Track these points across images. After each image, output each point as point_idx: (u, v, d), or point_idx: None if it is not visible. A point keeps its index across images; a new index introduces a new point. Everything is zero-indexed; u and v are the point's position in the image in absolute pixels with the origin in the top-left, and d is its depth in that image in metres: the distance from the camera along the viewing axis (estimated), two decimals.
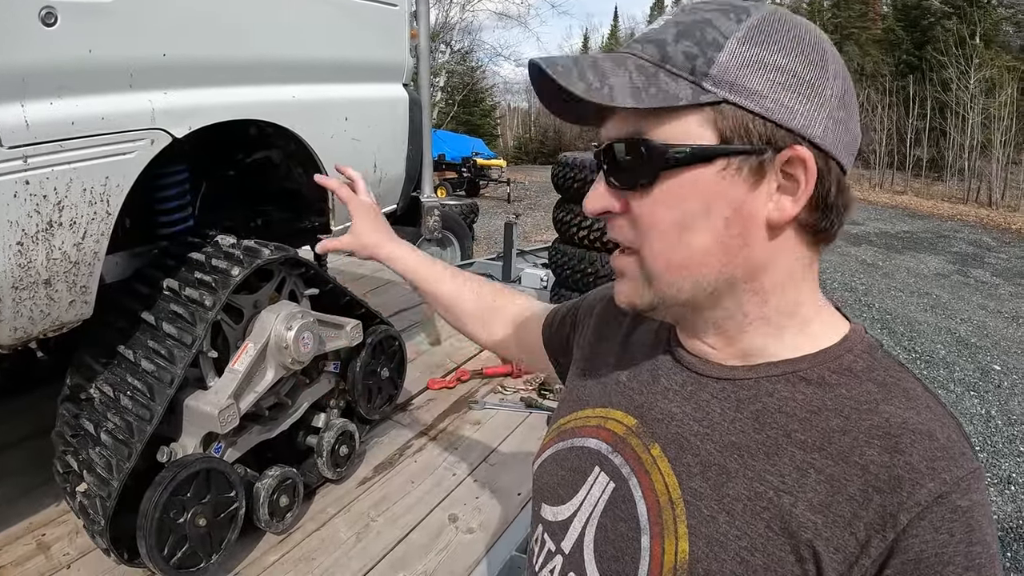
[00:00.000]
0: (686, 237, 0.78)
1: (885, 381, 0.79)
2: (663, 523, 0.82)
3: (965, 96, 29.27)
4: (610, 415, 0.97)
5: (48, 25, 1.64)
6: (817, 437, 0.77)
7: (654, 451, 0.88)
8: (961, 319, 10.55)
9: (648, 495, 0.85)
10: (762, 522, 0.75)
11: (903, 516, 0.69)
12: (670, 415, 0.89)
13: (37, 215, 1.68)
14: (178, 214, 2.41)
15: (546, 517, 0.98)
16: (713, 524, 0.78)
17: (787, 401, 0.80)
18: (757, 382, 0.83)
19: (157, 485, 1.95)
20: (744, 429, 0.82)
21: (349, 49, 2.72)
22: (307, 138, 2.49)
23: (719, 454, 0.82)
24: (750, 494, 0.77)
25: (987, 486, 0.75)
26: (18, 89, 1.61)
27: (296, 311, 2.30)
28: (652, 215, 0.79)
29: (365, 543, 2.35)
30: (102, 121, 1.79)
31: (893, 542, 0.69)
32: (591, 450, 0.96)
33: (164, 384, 2.01)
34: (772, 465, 0.78)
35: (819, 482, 0.74)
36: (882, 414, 0.76)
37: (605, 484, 0.91)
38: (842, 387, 0.79)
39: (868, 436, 0.74)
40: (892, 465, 0.71)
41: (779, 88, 0.75)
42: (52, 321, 1.84)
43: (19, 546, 2.28)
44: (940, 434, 0.73)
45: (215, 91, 2.14)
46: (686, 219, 0.78)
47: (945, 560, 0.68)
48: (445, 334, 4.36)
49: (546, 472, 1.02)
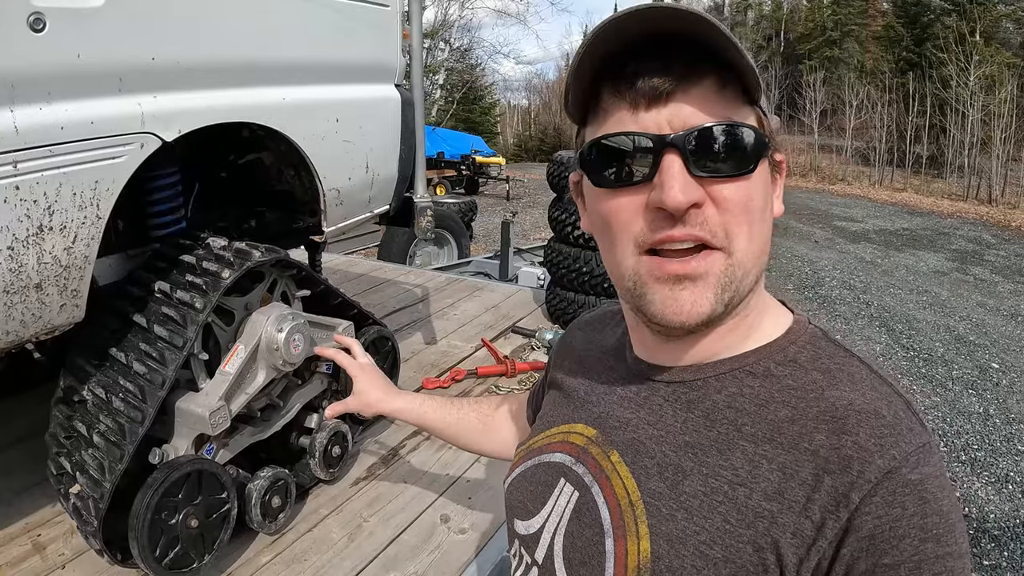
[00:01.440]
0: (765, 224, 0.82)
1: (829, 368, 0.82)
2: (625, 525, 0.84)
3: (965, 93, 29.26)
4: (572, 429, 1.01)
5: (36, 31, 1.65)
6: (766, 429, 0.79)
7: (613, 457, 0.90)
8: (960, 317, 10.55)
9: (610, 499, 0.87)
10: (719, 516, 0.77)
11: (855, 495, 0.70)
12: (626, 422, 0.92)
13: (27, 220, 1.69)
14: (170, 216, 2.42)
15: (519, 532, 1.00)
16: (672, 522, 0.80)
17: (735, 397, 0.83)
18: (706, 382, 0.86)
19: (148, 487, 1.96)
20: (696, 428, 0.84)
21: (340, 50, 2.72)
22: (298, 140, 2.50)
23: (674, 454, 0.84)
24: (706, 490, 0.79)
25: (942, 458, 0.76)
26: (7, 95, 1.62)
27: (287, 313, 2.31)
28: (750, 202, 0.78)
29: (357, 543, 2.36)
30: (91, 126, 1.80)
31: (847, 521, 0.70)
32: (556, 463, 0.99)
33: (155, 386, 2.02)
34: (725, 460, 0.80)
35: (771, 471, 0.76)
36: (828, 399, 0.78)
37: (570, 494, 0.93)
38: (788, 378, 0.82)
39: (816, 422, 0.76)
40: (840, 446, 0.73)
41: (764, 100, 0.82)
42: (43, 324, 1.85)
43: (15, 546, 2.30)
44: (886, 412, 0.75)
45: (204, 94, 2.15)
46: (765, 206, 0.81)
47: (900, 534, 0.69)
48: (440, 334, 4.37)
49: (516, 489, 1.05)
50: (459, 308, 4.95)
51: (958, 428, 6.83)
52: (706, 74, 0.76)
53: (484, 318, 4.73)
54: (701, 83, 0.76)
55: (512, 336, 4.39)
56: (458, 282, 5.64)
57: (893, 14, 42.12)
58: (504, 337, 4.36)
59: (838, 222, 19.39)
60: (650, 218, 0.77)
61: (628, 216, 0.79)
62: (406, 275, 5.80)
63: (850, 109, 35.47)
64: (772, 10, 53.54)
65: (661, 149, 0.75)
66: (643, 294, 0.81)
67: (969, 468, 6.12)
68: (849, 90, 36.00)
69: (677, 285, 0.78)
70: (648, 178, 0.76)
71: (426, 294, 5.22)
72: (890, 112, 32.94)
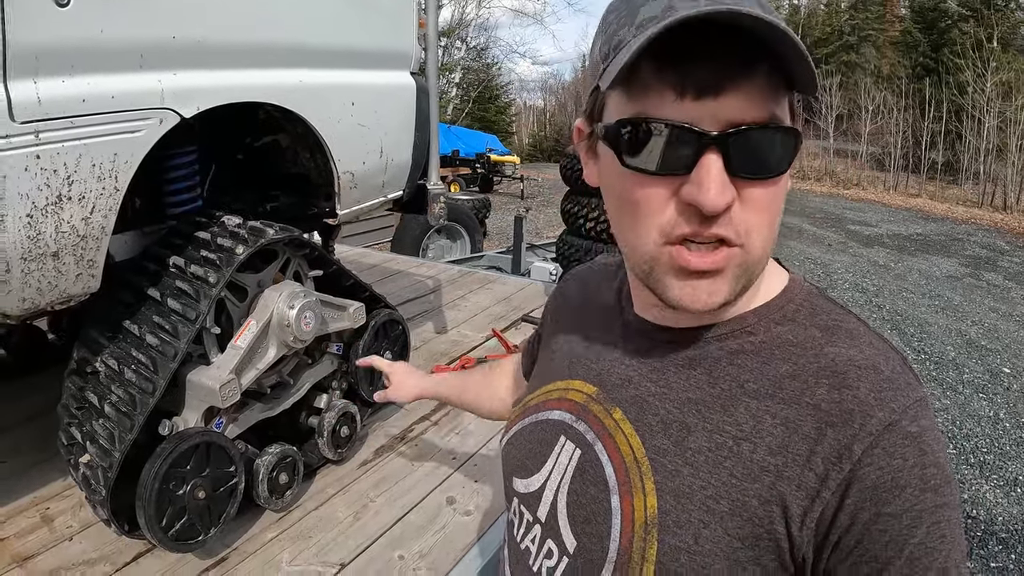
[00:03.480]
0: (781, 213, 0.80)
1: (827, 324, 0.83)
2: (631, 482, 0.85)
3: (981, 99, 29.05)
4: (571, 386, 1.01)
5: (62, 6, 1.67)
6: (768, 385, 0.80)
7: (616, 415, 0.91)
8: (972, 321, 10.49)
9: (614, 457, 0.88)
10: (724, 471, 0.78)
11: (857, 446, 0.72)
12: (628, 379, 0.92)
13: (47, 188, 1.72)
14: (187, 194, 2.45)
15: (518, 490, 1.01)
16: (678, 477, 0.81)
17: (737, 354, 0.84)
18: (707, 340, 0.87)
19: (157, 456, 1.99)
20: (699, 385, 0.85)
21: (357, 35, 2.75)
22: (314, 122, 2.52)
23: (678, 411, 0.85)
24: (711, 445, 0.80)
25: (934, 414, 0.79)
26: (31, 67, 1.65)
27: (299, 290, 2.33)
28: (774, 202, 0.77)
29: (363, 522, 2.39)
30: (112, 100, 1.83)
31: (850, 472, 0.72)
32: (555, 421, 0.99)
33: (167, 358, 2.05)
34: (729, 416, 0.81)
35: (775, 426, 0.77)
36: (827, 355, 0.79)
37: (572, 452, 0.94)
38: (788, 334, 0.83)
39: (816, 377, 0.78)
40: (842, 400, 0.75)
41: None
42: (59, 293, 1.88)
43: (23, 518, 2.34)
44: (885, 367, 0.77)
45: (224, 73, 2.17)
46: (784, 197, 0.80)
47: (901, 484, 0.70)
48: (451, 324, 4.39)
49: (514, 447, 1.05)
50: (470, 299, 4.96)
51: (968, 431, 6.81)
52: (760, 69, 0.70)
53: (495, 309, 4.75)
54: (753, 79, 0.70)
55: (523, 326, 4.40)
56: (470, 274, 5.65)
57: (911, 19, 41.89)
58: (515, 327, 4.38)
59: (852, 226, 19.29)
60: (680, 211, 0.74)
61: (657, 205, 0.75)
62: (418, 267, 5.82)
63: (866, 114, 35.24)
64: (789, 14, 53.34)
65: (704, 146, 0.71)
66: (660, 279, 0.79)
67: (978, 471, 6.10)
68: (865, 95, 35.79)
69: (694, 277, 0.76)
70: (685, 171, 0.72)
71: (438, 285, 5.24)
72: (906, 118, 32.73)
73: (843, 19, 46.00)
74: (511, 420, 1.11)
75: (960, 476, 6.03)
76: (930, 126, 31.64)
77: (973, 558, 5.01)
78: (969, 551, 5.08)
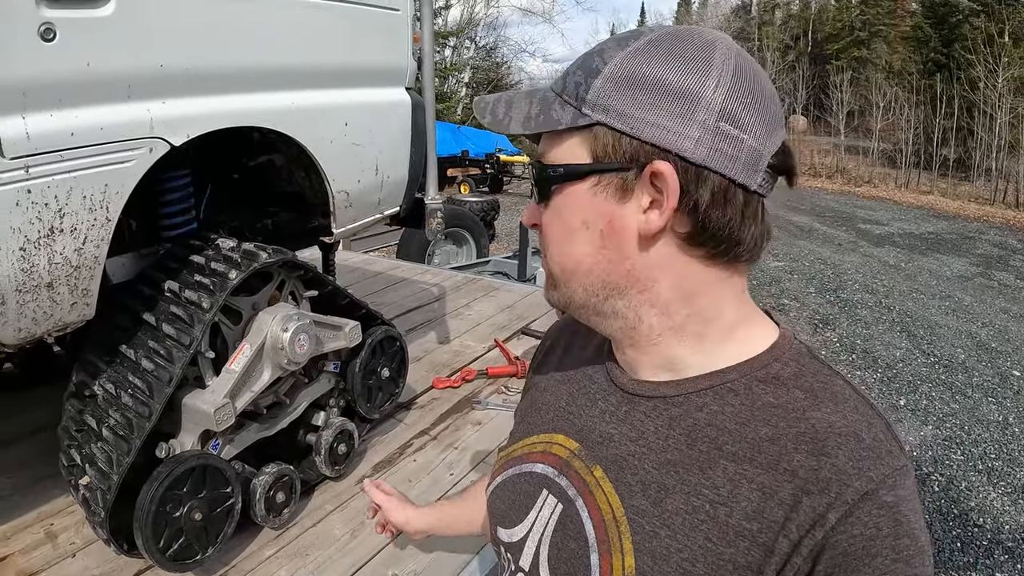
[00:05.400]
0: (569, 246, 0.88)
1: (812, 387, 0.83)
2: (609, 540, 0.86)
3: (993, 95, 28.86)
4: (554, 440, 1.02)
5: (47, 41, 1.70)
6: (747, 448, 0.80)
7: (596, 473, 0.92)
8: (983, 323, 10.45)
9: (594, 514, 0.89)
10: (701, 534, 0.79)
11: (831, 515, 0.72)
12: (608, 437, 0.94)
13: (39, 222, 1.75)
14: (181, 217, 2.47)
15: (503, 539, 1.03)
16: (656, 539, 0.82)
17: (716, 415, 0.84)
18: (687, 398, 0.87)
19: (154, 480, 2.01)
20: (678, 446, 0.85)
21: (349, 55, 2.75)
22: (307, 144, 2.53)
23: (656, 472, 0.86)
24: (688, 508, 0.81)
25: (915, 480, 0.79)
26: (19, 102, 1.67)
27: (293, 313, 2.35)
28: (548, 226, 0.90)
29: (360, 539, 2.40)
30: (101, 131, 1.85)
31: (823, 539, 0.72)
32: (538, 474, 1.01)
33: (163, 383, 2.07)
34: (707, 479, 0.81)
35: (752, 491, 0.78)
36: (809, 420, 0.79)
37: (554, 506, 0.96)
38: (769, 396, 0.83)
39: (796, 443, 0.78)
40: (819, 468, 0.75)
41: (647, 107, 0.78)
42: (55, 322, 1.91)
43: (28, 534, 2.36)
44: (866, 435, 0.77)
45: (213, 99, 2.19)
46: (568, 230, 0.87)
47: (873, 553, 0.71)
48: (453, 334, 4.41)
49: (498, 498, 1.08)
50: (474, 308, 4.96)
51: (976, 437, 6.77)
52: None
53: (498, 318, 4.75)
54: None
55: (525, 337, 4.41)
56: (474, 282, 5.66)
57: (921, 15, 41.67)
58: (517, 338, 4.38)
59: (862, 224, 19.21)
60: None
61: None
62: (423, 274, 5.82)
63: (877, 110, 35.07)
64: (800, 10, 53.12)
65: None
66: None
67: (986, 478, 6.08)
68: (876, 91, 35.61)
69: None
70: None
71: (442, 293, 5.24)
72: (917, 114, 32.55)
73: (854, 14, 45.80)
74: (496, 469, 1.13)
75: (967, 483, 6.00)
76: (941, 122, 31.44)
77: (978, 568, 4.98)
78: (974, 561, 5.05)
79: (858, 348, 9.27)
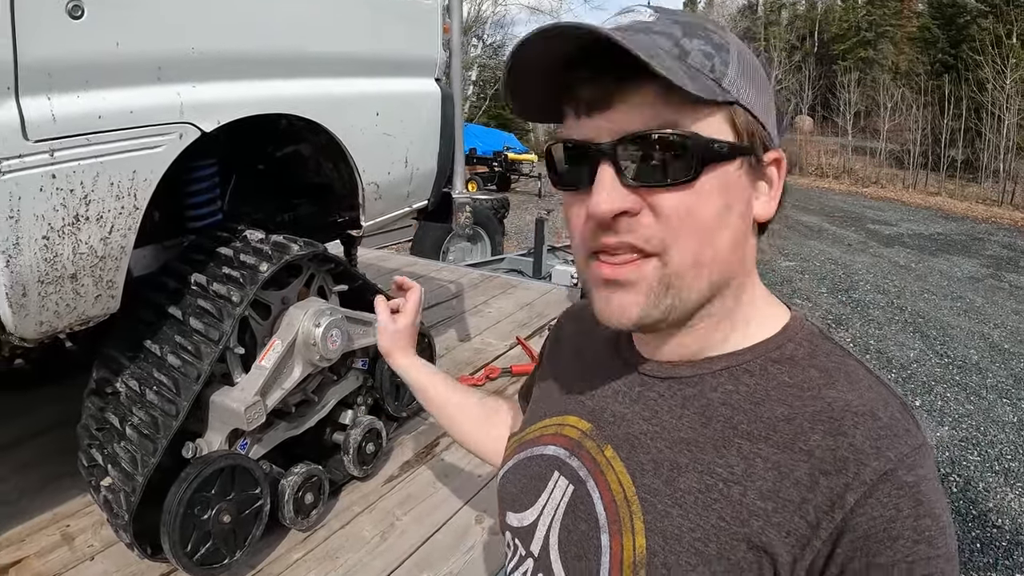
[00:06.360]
0: (717, 233, 0.78)
1: (826, 366, 0.82)
2: (620, 520, 0.84)
3: (1001, 96, 28.83)
4: (566, 421, 1.00)
5: (75, 18, 1.62)
6: (762, 427, 0.79)
7: (607, 452, 0.91)
8: (995, 324, 10.44)
9: (605, 495, 0.88)
10: (714, 513, 0.77)
11: (850, 496, 0.71)
12: (621, 417, 0.92)
13: (63, 209, 1.67)
14: (207, 208, 2.40)
15: (512, 524, 1.01)
16: (668, 518, 0.80)
17: (731, 394, 0.83)
18: (701, 379, 0.86)
19: (182, 481, 1.94)
20: (692, 425, 0.84)
21: (381, 43, 2.70)
22: (337, 132, 2.47)
23: (669, 451, 0.84)
24: (701, 487, 0.80)
25: (935, 459, 0.77)
26: (44, 82, 1.60)
27: (324, 308, 2.28)
28: (692, 211, 0.76)
29: (390, 542, 2.33)
30: (130, 115, 1.78)
31: (842, 521, 0.70)
32: (550, 456, 0.99)
33: (190, 380, 2.00)
34: (721, 457, 0.80)
35: (766, 470, 0.76)
36: (824, 399, 0.78)
37: (565, 487, 0.94)
38: (784, 375, 0.82)
39: (812, 422, 0.76)
40: (836, 447, 0.73)
41: (762, 95, 0.80)
42: (78, 315, 1.83)
43: (43, 536, 2.29)
44: (883, 413, 0.75)
45: (245, 85, 2.12)
46: (720, 215, 0.78)
47: (894, 534, 0.69)
48: (474, 332, 4.34)
49: (509, 482, 1.05)
50: (493, 305, 4.92)
51: (992, 438, 6.77)
52: (644, 80, 0.72)
53: (518, 316, 4.70)
54: (639, 89, 0.73)
55: (546, 335, 4.33)
56: (492, 279, 5.62)
57: (928, 15, 41.61)
58: (539, 335, 4.31)
59: (871, 225, 19.21)
60: (592, 224, 0.78)
61: (579, 221, 0.81)
62: (439, 271, 5.78)
63: (884, 111, 35.10)
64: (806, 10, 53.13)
65: (596, 157, 0.76)
66: (590, 294, 0.84)
67: (1003, 479, 6.08)
68: (883, 92, 35.63)
69: (608, 289, 0.80)
70: (588, 184, 0.77)
71: (460, 290, 5.20)
72: (925, 115, 32.51)
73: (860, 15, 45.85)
74: (507, 454, 1.11)
75: (984, 484, 6.01)
76: (949, 123, 31.43)
77: (998, 569, 4.99)
78: (994, 562, 5.05)
79: (872, 348, 9.25)
